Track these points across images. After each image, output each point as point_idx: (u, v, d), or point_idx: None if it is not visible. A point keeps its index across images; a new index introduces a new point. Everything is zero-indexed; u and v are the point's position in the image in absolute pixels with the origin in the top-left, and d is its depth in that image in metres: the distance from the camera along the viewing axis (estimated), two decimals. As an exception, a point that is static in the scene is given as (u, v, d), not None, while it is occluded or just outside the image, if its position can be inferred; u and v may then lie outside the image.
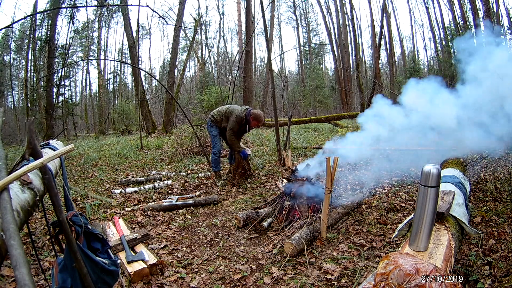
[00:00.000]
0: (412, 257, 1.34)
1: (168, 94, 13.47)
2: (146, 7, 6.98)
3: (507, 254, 2.05)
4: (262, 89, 22.55)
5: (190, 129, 6.86)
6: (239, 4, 22.03)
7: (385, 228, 2.69)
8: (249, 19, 12.93)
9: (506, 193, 3.12)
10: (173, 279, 2.10)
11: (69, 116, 16.76)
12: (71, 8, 11.47)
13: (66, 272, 1.30)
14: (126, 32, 13.74)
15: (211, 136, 4.57)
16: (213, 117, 4.47)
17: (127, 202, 3.74)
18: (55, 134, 10.93)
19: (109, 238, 2.47)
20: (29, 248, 2.34)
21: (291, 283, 2.01)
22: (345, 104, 21.88)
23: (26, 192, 1.21)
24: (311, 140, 8.26)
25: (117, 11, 19.97)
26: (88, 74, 24.57)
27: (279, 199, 3.14)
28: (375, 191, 3.62)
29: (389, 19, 21.10)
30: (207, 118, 4.72)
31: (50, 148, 1.84)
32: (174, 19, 16.85)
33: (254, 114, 4.26)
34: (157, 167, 6.02)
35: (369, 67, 27.46)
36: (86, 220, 1.41)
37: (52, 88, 12.07)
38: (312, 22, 28.42)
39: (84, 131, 22.68)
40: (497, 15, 13.65)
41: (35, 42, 14.64)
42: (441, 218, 1.84)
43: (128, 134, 15.73)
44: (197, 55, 26.26)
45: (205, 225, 3.09)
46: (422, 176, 1.55)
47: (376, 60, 16.66)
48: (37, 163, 1.12)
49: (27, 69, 16.11)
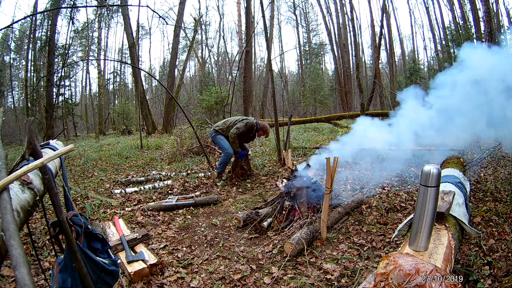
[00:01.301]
0: (412, 257, 1.34)
1: (168, 94, 13.46)
2: (146, 7, 6.98)
3: (507, 254, 2.05)
4: (262, 89, 22.54)
5: (190, 129, 6.86)
6: (239, 4, 22.03)
7: (385, 228, 2.69)
8: (249, 19, 12.93)
9: (506, 193, 3.12)
10: (173, 279, 2.10)
11: (69, 116, 16.74)
12: (71, 8, 11.44)
13: (66, 272, 1.30)
14: (126, 32, 13.73)
15: (219, 143, 4.61)
16: (217, 127, 4.61)
17: (127, 202, 3.74)
18: (55, 134, 10.92)
19: (109, 238, 2.47)
20: (29, 248, 2.34)
21: (291, 283, 2.01)
22: (345, 104, 21.87)
23: (26, 192, 1.21)
24: (311, 140, 8.26)
25: (117, 11, 19.95)
26: (88, 74, 24.58)
27: (279, 199, 3.14)
28: (375, 191, 3.62)
29: (389, 19, 21.10)
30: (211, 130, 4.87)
31: (50, 148, 1.84)
32: (174, 19, 16.86)
33: (263, 126, 4.69)
34: (157, 167, 6.01)
35: (369, 67, 27.45)
36: (86, 220, 1.41)
37: (52, 88, 12.05)
38: (312, 22, 28.43)
39: (84, 131, 22.66)
40: (497, 15, 13.65)
41: (35, 42, 14.63)
42: (441, 218, 1.84)
43: (128, 134, 15.72)
44: (197, 55, 26.25)
45: (205, 225, 3.09)
46: (422, 176, 1.55)
47: (376, 60, 16.66)
48: (37, 163, 1.12)
49: (27, 69, 16.11)
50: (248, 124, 4.57)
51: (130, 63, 15.38)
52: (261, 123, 4.73)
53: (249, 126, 4.58)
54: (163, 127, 14.52)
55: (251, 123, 4.61)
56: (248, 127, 4.57)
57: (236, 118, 4.70)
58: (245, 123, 4.56)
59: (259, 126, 4.67)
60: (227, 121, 4.67)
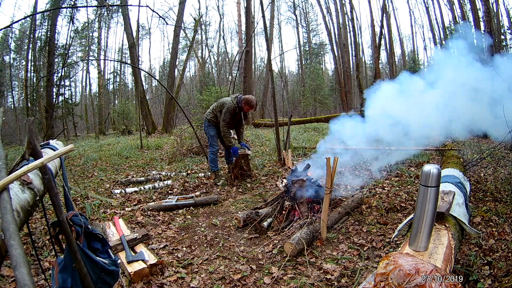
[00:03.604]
0: (412, 257, 1.34)
1: (168, 94, 13.47)
2: (146, 7, 6.98)
3: (507, 254, 2.05)
4: (262, 89, 22.56)
5: (190, 129, 6.86)
6: (239, 4, 22.01)
7: (385, 228, 2.69)
8: (249, 19, 12.94)
9: (506, 193, 3.12)
10: (173, 279, 2.10)
11: (69, 116, 16.75)
12: (71, 8, 11.46)
13: (66, 272, 1.30)
14: (126, 32, 13.73)
15: (208, 136, 4.57)
16: (207, 117, 4.49)
17: (127, 202, 3.74)
18: (55, 134, 10.92)
19: (109, 238, 2.47)
20: (29, 248, 2.34)
21: (291, 283, 2.01)
22: (345, 104, 21.86)
23: (26, 192, 1.21)
24: (311, 140, 8.26)
25: (117, 11, 19.97)
26: (88, 74, 24.60)
27: (279, 199, 3.14)
28: (375, 191, 3.63)
29: (389, 19, 21.11)
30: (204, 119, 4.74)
31: (50, 148, 1.83)
32: (174, 19, 16.87)
33: (245, 99, 4.22)
34: (157, 167, 6.01)
35: (369, 67, 27.47)
36: (86, 220, 1.40)
37: (52, 88, 12.06)
38: (312, 22, 28.45)
39: (84, 131, 22.66)
40: (497, 15, 13.65)
41: (35, 42, 14.64)
42: (441, 218, 1.84)
43: (128, 134, 15.73)
44: (197, 55, 26.26)
45: (205, 225, 3.09)
46: (422, 176, 1.55)
47: (376, 60, 16.68)
48: (37, 163, 1.12)
49: (27, 69, 16.11)
50: (229, 109, 4.16)
51: (130, 63, 15.38)
52: (243, 96, 4.26)
53: (231, 110, 4.18)
54: (163, 127, 14.53)
55: (232, 106, 4.17)
56: (231, 112, 4.18)
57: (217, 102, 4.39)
58: (226, 109, 4.16)
59: (241, 102, 4.19)
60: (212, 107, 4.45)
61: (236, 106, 4.23)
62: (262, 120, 14.43)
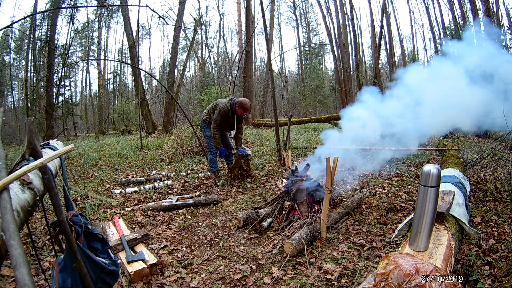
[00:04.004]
0: (412, 257, 1.34)
1: (168, 94, 13.47)
2: (146, 7, 6.98)
3: (507, 254, 2.05)
4: (262, 89, 22.56)
5: (190, 129, 6.86)
6: (239, 4, 22.02)
7: (385, 228, 2.69)
8: (249, 19, 12.95)
9: (506, 193, 3.12)
10: (173, 279, 2.10)
11: (69, 116, 16.75)
12: (71, 8, 11.46)
13: (66, 272, 1.30)
14: (126, 32, 13.74)
15: (205, 137, 4.58)
16: (203, 117, 4.52)
17: (127, 202, 3.74)
18: (55, 134, 10.92)
19: (109, 238, 2.47)
20: (29, 248, 2.34)
21: (291, 283, 2.01)
22: (345, 104, 21.81)
23: (26, 192, 1.21)
24: (311, 140, 8.26)
25: (117, 11, 19.97)
26: (88, 74, 24.61)
27: (279, 199, 3.14)
28: (375, 191, 3.62)
29: (389, 19, 21.10)
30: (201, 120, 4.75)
31: (50, 148, 1.83)
32: (174, 19, 16.87)
33: (239, 102, 4.10)
34: (157, 167, 6.01)
35: (369, 67, 27.47)
36: (86, 220, 1.40)
37: (52, 88, 12.06)
38: (312, 22, 28.45)
39: (84, 131, 22.66)
40: (497, 15, 13.65)
41: (35, 42, 14.64)
42: (441, 218, 1.84)
43: (128, 134, 15.73)
44: (197, 55, 26.27)
45: (205, 225, 3.09)
46: (422, 176, 1.55)
47: (376, 60, 16.68)
48: (37, 163, 1.12)
49: (27, 69, 16.12)
50: (221, 111, 4.03)
51: (130, 63, 15.38)
52: (237, 99, 4.11)
53: (223, 112, 4.05)
54: (163, 127, 14.53)
55: (224, 109, 4.04)
56: (222, 114, 4.05)
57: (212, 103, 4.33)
58: (218, 111, 4.05)
59: (235, 105, 4.05)
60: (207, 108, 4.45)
61: (229, 109, 4.15)
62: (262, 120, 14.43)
